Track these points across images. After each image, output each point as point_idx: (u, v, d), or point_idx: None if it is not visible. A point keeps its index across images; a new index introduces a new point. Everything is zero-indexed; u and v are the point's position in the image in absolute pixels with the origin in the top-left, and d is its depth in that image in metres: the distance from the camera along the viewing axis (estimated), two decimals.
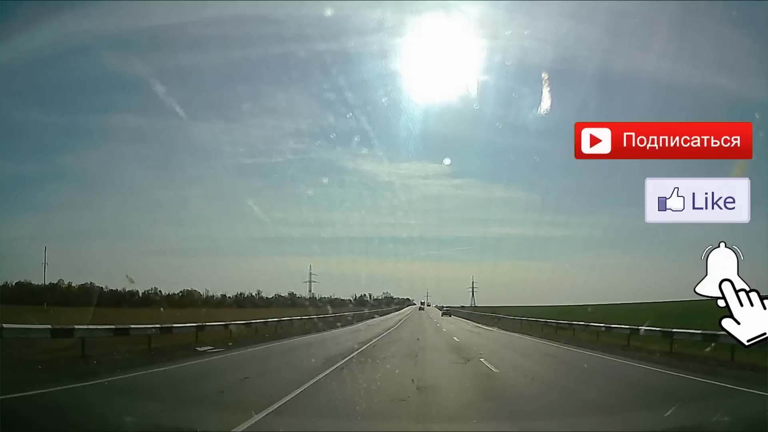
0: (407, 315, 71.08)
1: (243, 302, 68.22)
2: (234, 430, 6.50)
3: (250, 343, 20.14)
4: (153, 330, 16.66)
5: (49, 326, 13.61)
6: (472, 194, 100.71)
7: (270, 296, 75.43)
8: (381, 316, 62.47)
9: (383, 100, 36.94)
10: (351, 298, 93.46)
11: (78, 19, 27.56)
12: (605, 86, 46.94)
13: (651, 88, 31.05)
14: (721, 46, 25.00)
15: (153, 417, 7.15)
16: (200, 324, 20.35)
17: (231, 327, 23.44)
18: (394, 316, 62.81)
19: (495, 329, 38.40)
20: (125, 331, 15.70)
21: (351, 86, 28.80)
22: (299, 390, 9.35)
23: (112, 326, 15.58)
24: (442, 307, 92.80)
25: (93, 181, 76.42)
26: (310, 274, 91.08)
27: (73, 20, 25.93)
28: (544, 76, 24.82)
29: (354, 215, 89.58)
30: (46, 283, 56.70)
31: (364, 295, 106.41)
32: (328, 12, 24.38)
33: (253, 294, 74.60)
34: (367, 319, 48.97)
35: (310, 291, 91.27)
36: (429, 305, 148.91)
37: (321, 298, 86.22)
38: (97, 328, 14.89)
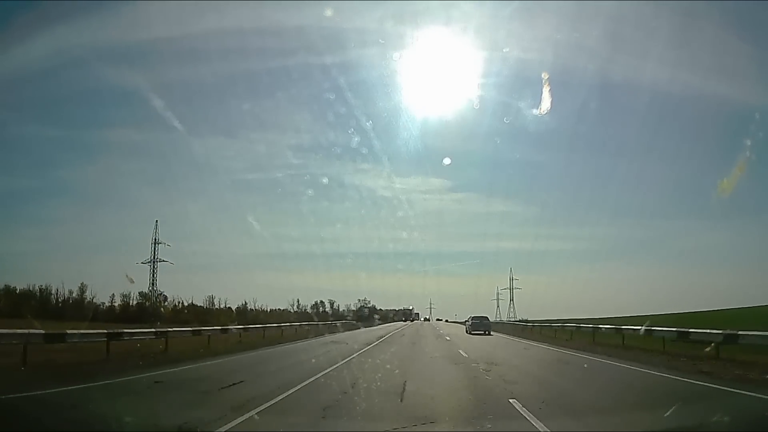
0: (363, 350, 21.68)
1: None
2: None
3: None
4: None
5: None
6: (473, 208, 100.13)
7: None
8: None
9: (384, 114, 37.33)
10: (292, 307, 73.24)
11: (75, 32, 27.51)
12: (605, 94, 47.58)
13: (650, 94, 31.55)
14: (720, 50, 25.06)
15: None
16: None
17: None
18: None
19: None
20: None
21: (351, 100, 29.07)
22: None
23: None
24: (470, 319, 41.88)
25: (91, 196, 76.93)
26: (155, 242, 68.56)
27: (69, 33, 26.06)
28: (544, 77, 25.07)
29: (349, 227, 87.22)
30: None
31: (320, 303, 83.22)
32: (329, 24, 24.78)
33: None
34: None
35: (152, 283, 68.53)
36: (441, 319, 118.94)
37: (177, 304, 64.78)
38: None
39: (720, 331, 15.81)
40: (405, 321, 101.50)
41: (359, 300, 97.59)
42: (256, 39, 29.90)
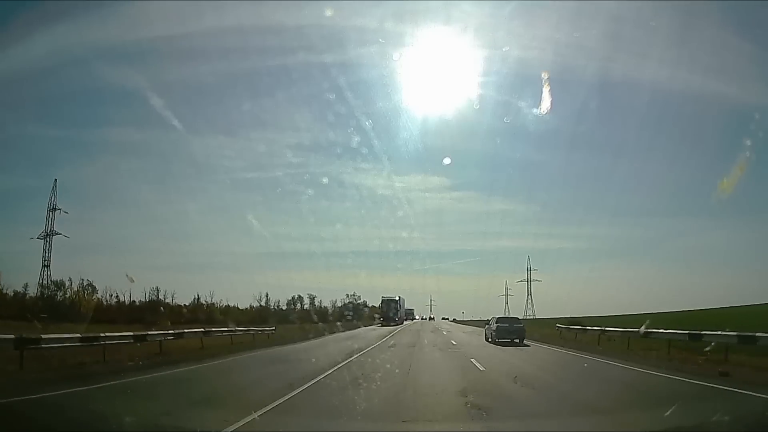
0: None
1: None
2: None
3: None
4: None
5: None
6: (473, 206, 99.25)
7: None
8: None
9: (383, 113, 37.35)
10: (259, 303, 58.78)
11: (74, 32, 27.30)
12: (605, 93, 47.54)
13: (650, 93, 31.47)
14: (720, 50, 24.96)
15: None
16: None
17: None
18: None
19: None
20: None
21: (351, 98, 28.96)
22: None
23: None
24: (494, 322, 27.45)
25: (90, 195, 75.98)
26: (52, 209, 56.17)
27: (69, 32, 25.88)
28: (544, 76, 24.96)
29: (347, 226, 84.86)
30: None
31: (298, 299, 67.42)
32: (328, 22, 24.58)
33: None
34: None
35: (45, 263, 54.38)
36: (448, 318, 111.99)
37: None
38: None
39: None
40: (385, 323, 60.28)
41: (347, 295, 77.39)
42: (256, 38, 29.85)
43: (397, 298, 65.81)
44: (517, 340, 25.85)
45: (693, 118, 44.14)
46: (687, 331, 17.00)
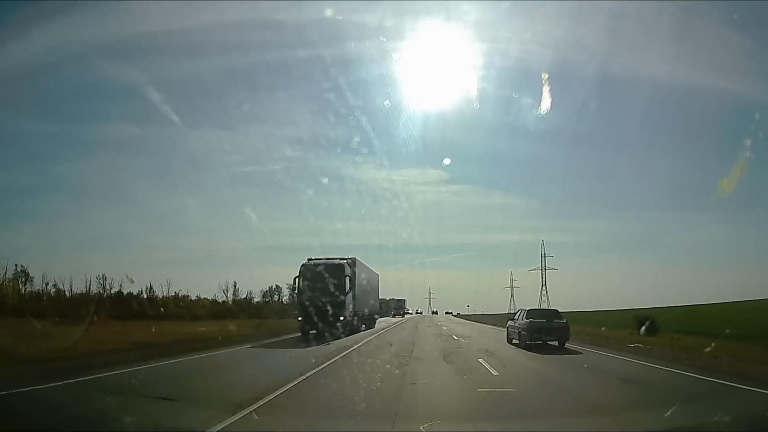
0: None
1: None
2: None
3: None
4: None
5: None
6: (472, 200, 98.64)
7: None
8: None
9: (383, 108, 37.48)
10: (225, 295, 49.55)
11: (72, 28, 26.99)
12: (605, 89, 47.53)
13: (650, 89, 31.59)
14: (720, 47, 25.06)
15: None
16: None
17: None
18: None
19: None
20: None
21: (351, 94, 28.92)
22: None
23: None
24: (524, 317, 19.07)
25: (89, 191, 75.25)
26: None
27: (67, 29, 25.49)
28: (545, 76, 25.11)
29: (347, 220, 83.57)
30: None
31: (275, 289, 58.25)
32: (328, 16, 24.60)
33: None
34: None
35: None
36: (453, 313, 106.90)
37: None
38: None
39: None
40: (307, 328, 23.64)
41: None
42: (255, 34, 29.81)
43: (344, 264, 27.58)
44: (556, 343, 18.04)
45: (693, 114, 44.24)
46: None
